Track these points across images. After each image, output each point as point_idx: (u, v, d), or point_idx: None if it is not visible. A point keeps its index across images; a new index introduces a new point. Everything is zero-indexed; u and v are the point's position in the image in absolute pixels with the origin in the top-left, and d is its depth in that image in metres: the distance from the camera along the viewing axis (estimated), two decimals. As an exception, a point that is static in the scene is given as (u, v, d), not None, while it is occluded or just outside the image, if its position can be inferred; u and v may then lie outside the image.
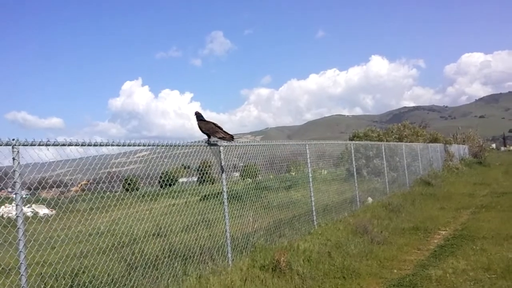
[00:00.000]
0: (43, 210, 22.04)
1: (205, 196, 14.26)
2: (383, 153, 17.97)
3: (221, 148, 8.03)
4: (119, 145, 5.98)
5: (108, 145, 5.77)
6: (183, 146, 7.36)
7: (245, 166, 13.44)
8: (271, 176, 12.46)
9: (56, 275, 7.01)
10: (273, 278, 7.29)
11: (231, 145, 8.37)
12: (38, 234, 6.73)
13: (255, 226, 9.29)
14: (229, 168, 10.47)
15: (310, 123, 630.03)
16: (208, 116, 7.49)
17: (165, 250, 7.89)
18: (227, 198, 7.98)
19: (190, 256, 7.67)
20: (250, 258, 8.12)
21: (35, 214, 20.04)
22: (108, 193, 8.19)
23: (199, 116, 7.85)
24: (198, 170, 10.84)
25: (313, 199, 11.25)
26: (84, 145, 5.42)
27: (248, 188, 10.10)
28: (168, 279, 6.65)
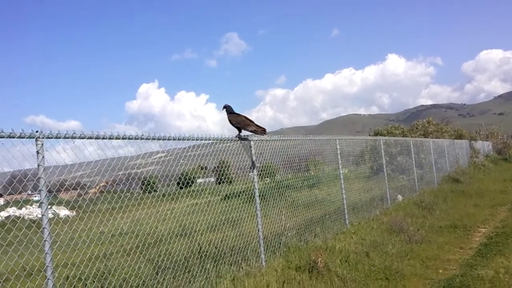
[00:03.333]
0: (63, 212, 21.91)
1: (226, 195, 13.90)
2: (411, 150, 17.34)
3: (252, 142, 7.59)
4: (148, 139, 5.58)
5: (132, 139, 5.37)
6: (213, 140, 6.91)
7: (263, 166, 13.01)
8: (289, 176, 12.00)
9: (84, 278, 6.64)
10: (310, 280, 6.83)
11: (262, 139, 7.92)
12: (60, 235, 6.38)
13: (287, 225, 8.81)
14: (245, 168, 10.07)
15: (326, 123, 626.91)
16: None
17: (194, 251, 7.45)
18: (258, 196, 7.52)
19: (221, 256, 7.25)
20: (283, 258, 7.67)
21: (56, 215, 19.88)
22: (128, 194, 7.86)
23: (229, 109, 7.41)
24: (215, 170, 10.46)
25: (344, 196, 10.74)
26: (112, 138, 5.04)
27: (271, 187, 9.63)
28: (201, 282, 6.22)
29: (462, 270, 7.31)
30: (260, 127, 7.25)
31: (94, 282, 6.32)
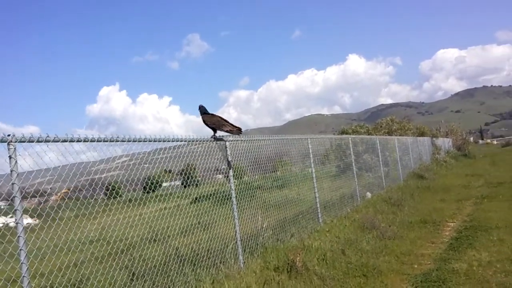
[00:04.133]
0: (26, 220, 21.14)
1: (196, 198, 13.73)
2: (378, 148, 17.64)
3: (227, 143, 7.50)
4: (123, 141, 5.40)
5: (113, 141, 5.20)
6: (186, 141, 6.79)
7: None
8: (257, 177, 11.96)
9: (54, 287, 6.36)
10: (290, 280, 6.80)
11: (237, 140, 7.85)
12: (25, 244, 6.09)
13: (263, 226, 8.76)
14: (211, 171, 9.99)
15: (290, 123, 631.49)
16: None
17: (171, 255, 7.29)
18: (235, 197, 7.46)
19: (198, 260, 7.12)
20: (261, 259, 7.61)
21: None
22: (91, 200, 7.63)
23: (203, 110, 7.31)
24: (181, 173, 10.31)
25: (317, 195, 10.79)
26: (94, 141, 4.88)
27: (241, 188, 9.53)
28: (180, 286, 6.09)
29: (437, 264, 7.44)
30: (236, 126, 7.18)
31: None
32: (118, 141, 5.26)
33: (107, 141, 5.19)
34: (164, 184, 14.02)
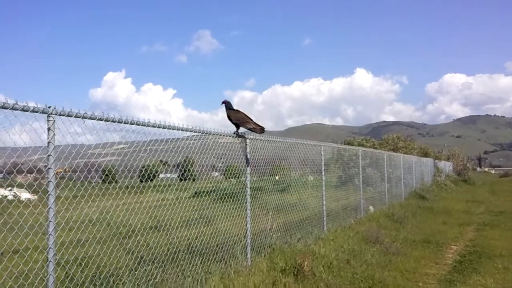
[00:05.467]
0: (24, 195, 21.05)
1: (196, 193, 13.70)
2: (385, 163, 17.66)
3: (248, 140, 7.50)
4: (148, 125, 5.39)
5: (144, 125, 5.19)
6: (212, 134, 6.78)
7: (227, 166, 12.85)
8: (255, 178, 11.88)
9: (63, 263, 6.32)
10: (296, 283, 6.80)
11: (257, 139, 7.85)
12: (27, 219, 6.06)
13: (273, 226, 8.76)
14: (208, 168, 9.93)
15: (291, 129, 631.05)
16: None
17: (180, 245, 7.27)
18: (249, 195, 7.43)
19: (206, 253, 7.09)
20: (268, 259, 7.60)
21: (17, 198, 19.09)
22: (92, 182, 7.60)
23: (228, 105, 7.30)
24: (177, 166, 10.26)
25: (324, 203, 10.80)
26: (121, 122, 4.86)
27: (241, 187, 9.46)
28: (189, 277, 6.08)
29: (442, 285, 7.46)
30: (259, 125, 7.17)
31: (86, 270, 6.06)
32: (161, 127, 5.25)
33: (144, 125, 5.18)
34: (161, 175, 13.99)
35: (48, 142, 4.00)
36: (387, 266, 8.34)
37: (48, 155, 3.99)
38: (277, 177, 12.61)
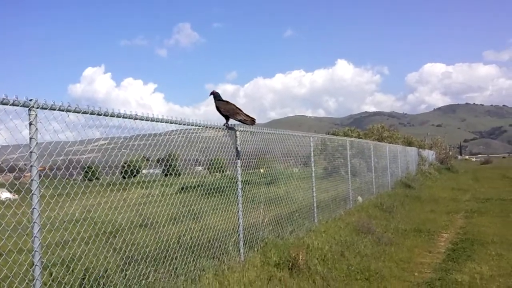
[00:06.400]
0: (4, 194, 20.51)
1: (182, 188, 13.43)
2: (371, 153, 17.61)
3: (238, 132, 7.29)
4: (142, 119, 5.14)
5: (132, 118, 4.94)
6: (200, 126, 6.55)
7: (211, 160, 12.58)
8: (240, 172, 11.60)
9: (50, 264, 6.05)
10: (291, 278, 6.64)
11: (247, 131, 7.64)
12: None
13: (265, 220, 8.56)
14: (191, 162, 9.66)
15: (274, 122, 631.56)
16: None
17: (172, 242, 7.03)
18: (241, 189, 7.23)
19: (198, 250, 6.87)
20: (261, 254, 7.42)
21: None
22: (71, 180, 7.29)
23: (217, 96, 7.04)
24: (159, 162, 10.00)
25: (315, 195, 10.65)
26: (107, 115, 4.60)
27: (231, 181, 9.22)
28: (184, 275, 5.86)
29: (438, 274, 7.35)
30: (250, 117, 6.96)
31: (74, 272, 5.79)
32: (150, 120, 5.01)
33: (132, 118, 4.92)
34: (144, 171, 13.68)
35: (30, 138, 3.73)
36: (381, 257, 8.23)
37: (31, 152, 3.72)
38: (262, 170, 12.38)
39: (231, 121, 7.09)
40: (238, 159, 7.22)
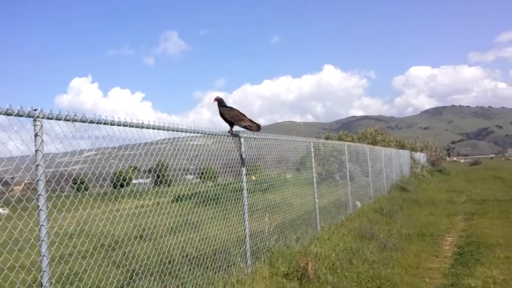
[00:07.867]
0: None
1: (177, 197, 13.16)
2: (368, 157, 17.50)
3: (242, 139, 7.09)
4: (159, 129, 4.93)
5: (144, 127, 4.72)
6: (205, 134, 6.33)
7: (203, 169, 12.29)
8: (231, 179, 11.36)
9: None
10: (302, 288, 6.42)
11: (251, 137, 7.44)
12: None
13: (270, 229, 8.34)
14: (181, 171, 9.42)
15: (263, 129, 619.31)
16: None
17: (175, 254, 6.77)
18: (247, 197, 7.02)
19: (204, 261, 6.63)
20: (268, 264, 7.21)
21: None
22: (61, 193, 7.02)
23: (221, 102, 6.83)
24: (149, 171, 9.78)
25: (317, 201, 10.47)
26: (113, 124, 4.38)
27: (225, 189, 8.93)
28: (191, 289, 5.62)
29: (449, 279, 7.20)
30: (255, 123, 6.76)
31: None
32: (160, 128, 4.78)
33: (144, 127, 4.70)
34: (134, 181, 13.40)
35: (36, 150, 3.50)
36: (390, 263, 8.06)
37: (37, 165, 3.49)
38: (253, 177, 12.12)
39: (236, 128, 6.89)
40: (243, 166, 7.01)
